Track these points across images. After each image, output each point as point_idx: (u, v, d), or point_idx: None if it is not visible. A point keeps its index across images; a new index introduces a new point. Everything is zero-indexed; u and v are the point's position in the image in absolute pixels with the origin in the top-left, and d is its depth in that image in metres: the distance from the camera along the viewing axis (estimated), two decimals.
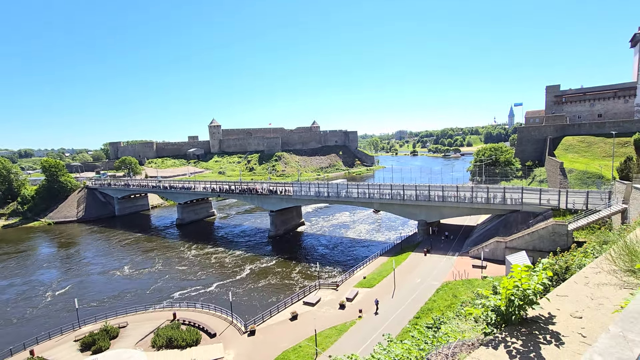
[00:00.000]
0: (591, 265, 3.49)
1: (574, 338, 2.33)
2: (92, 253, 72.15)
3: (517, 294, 2.68)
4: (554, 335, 2.39)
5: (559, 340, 2.33)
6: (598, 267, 3.37)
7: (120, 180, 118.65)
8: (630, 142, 75.18)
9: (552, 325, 2.53)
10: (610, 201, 45.06)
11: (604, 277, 3.14)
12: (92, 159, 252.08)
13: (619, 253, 3.28)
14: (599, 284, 3.04)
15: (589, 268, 3.42)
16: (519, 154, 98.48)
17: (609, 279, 3.09)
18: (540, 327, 2.52)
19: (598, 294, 2.88)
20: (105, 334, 34.74)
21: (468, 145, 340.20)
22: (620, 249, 3.29)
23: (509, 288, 2.76)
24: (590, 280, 3.14)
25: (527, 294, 2.67)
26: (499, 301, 2.76)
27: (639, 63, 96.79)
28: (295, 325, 36.78)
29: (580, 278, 3.21)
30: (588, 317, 2.56)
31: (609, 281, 3.06)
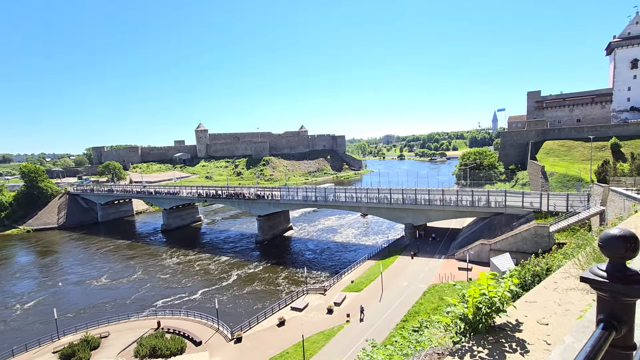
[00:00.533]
0: (561, 270, 3.56)
1: (539, 346, 2.34)
2: (72, 261, 69.98)
3: (484, 302, 2.70)
4: (519, 343, 2.40)
5: (524, 348, 2.34)
6: (567, 272, 3.43)
7: (103, 186, 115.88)
8: (607, 146, 77.86)
9: (519, 332, 2.55)
10: (589, 203, 46.45)
11: (572, 282, 3.19)
12: (74, 164, 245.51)
13: (586, 258, 3.35)
14: (568, 289, 3.10)
15: (559, 273, 3.48)
16: (503, 157, 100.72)
17: (576, 284, 3.15)
18: (507, 335, 2.53)
19: (566, 299, 2.92)
20: (85, 345, 33.65)
21: (454, 150, 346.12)
22: (588, 254, 3.36)
23: (476, 296, 2.77)
24: (559, 285, 3.19)
25: (494, 301, 2.69)
26: (466, 309, 2.78)
27: (614, 70, 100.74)
28: (282, 331, 36.42)
29: (549, 283, 3.26)
30: (554, 323, 2.59)
31: (577, 286, 3.11)
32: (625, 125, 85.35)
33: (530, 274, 22.48)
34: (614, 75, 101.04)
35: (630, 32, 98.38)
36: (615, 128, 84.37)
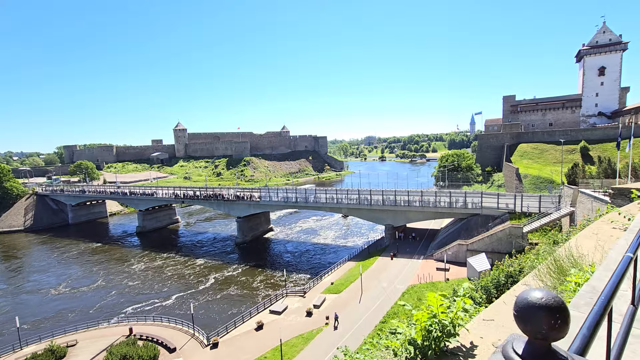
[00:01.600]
0: (522, 282, 3.37)
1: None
2: (39, 266, 66.43)
3: (435, 324, 2.43)
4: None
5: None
6: (528, 285, 3.24)
7: (74, 186, 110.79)
8: (577, 150, 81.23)
9: (472, 358, 2.30)
10: (559, 205, 48.18)
11: None
12: (44, 163, 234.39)
13: (547, 269, 3.16)
14: None
15: (520, 285, 3.29)
16: (479, 159, 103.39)
17: None
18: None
19: None
20: (50, 355, 31.82)
21: (433, 151, 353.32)
22: (548, 265, 3.18)
23: (424, 320, 2.50)
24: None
25: (445, 324, 2.43)
26: (415, 333, 2.51)
27: (583, 77, 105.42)
28: (260, 335, 35.72)
29: (509, 297, 3.05)
30: None
31: None
32: (593, 129, 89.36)
33: (503, 275, 22.56)
34: (583, 81, 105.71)
35: (598, 41, 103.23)
36: (584, 132, 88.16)
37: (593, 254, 3.53)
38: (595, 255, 3.49)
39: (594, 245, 3.87)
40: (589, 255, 3.48)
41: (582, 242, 4.45)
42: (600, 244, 3.81)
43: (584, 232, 5.17)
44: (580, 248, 3.77)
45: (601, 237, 4.56)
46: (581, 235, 4.95)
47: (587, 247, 4.00)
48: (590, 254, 3.53)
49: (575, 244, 4.03)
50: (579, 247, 3.79)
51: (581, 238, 4.75)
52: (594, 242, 4.10)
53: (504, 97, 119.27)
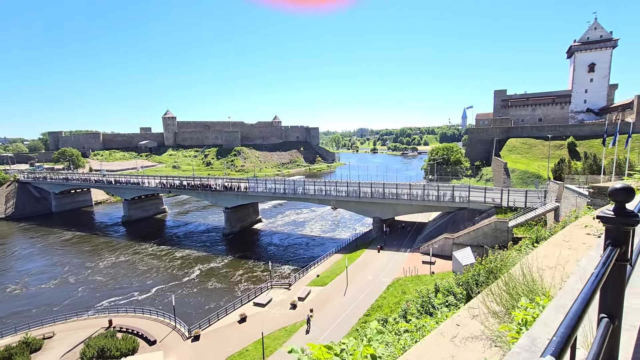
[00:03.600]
0: (470, 304, 2.86)
1: None
2: (18, 255, 64.80)
3: None
4: None
5: None
6: (477, 308, 2.72)
7: (58, 174, 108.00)
8: (564, 145, 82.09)
9: None
10: (545, 200, 48.55)
11: (477, 326, 2.47)
12: (27, 149, 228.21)
13: (498, 291, 2.65)
14: (468, 337, 2.36)
15: (466, 310, 2.77)
16: (469, 153, 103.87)
17: (481, 330, 2.43)
18: None
19: (461, 356, 2.19)
20: (25, 347, 30.96)
21: (425, 145, 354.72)
22: (501, 286, 2.67)
23: None
24: (461, 330, 2.46)
25: None
26: None
27: (573, 73, 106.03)
28: (243, 328, 35.39)
29: (449, 327, 2.52)
30: None
31: (482, 333, 2.39)
32: (581, 125, 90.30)
33: (484, 271, 22.28)
34: (573, 77, 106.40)
35: (589, 37, 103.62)
36: (573, 128, 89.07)
37: (553, 275, 3.04)
38: (555, 275, 3.00)
39: (556, 261, 3.40)
40: (547, 276, 2.98)
41: (550, 251, 3.99)
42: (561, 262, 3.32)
43: (554, 238, 4.71)
44: (543, 261, 3.30)
45: (572, 245, 4.10)
46: (550, 242, 4.49)
47: (551, 260, 3.53)
48: (549, 275, 3.04)
49: (541, 254, 3.58)
50: (544, 260, 3.33)
51: (550, 246, 4.29)
52: (558, 255, 3.63)
53: (495, 92, 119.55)
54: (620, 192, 1.95)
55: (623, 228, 1.95)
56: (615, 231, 1.97)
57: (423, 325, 6.05)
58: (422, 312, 19.39)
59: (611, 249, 1.87)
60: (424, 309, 19.64)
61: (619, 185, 1.95)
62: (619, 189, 1.94)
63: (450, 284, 23.87)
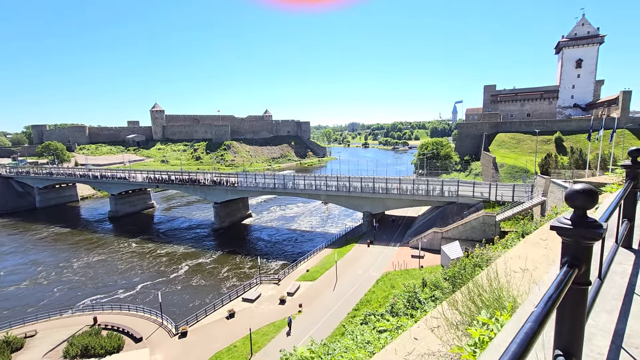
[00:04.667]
0: (433, 313, 2.61)
1: None
2: (1, 252, 63.14)
3: None
4: None
5: None
6: (439, 317, 2.47)
7: (42, 168, 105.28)
8: (552, 140, 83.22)
9: None
10: (532, 194, 49.11)
11: (435, 341, 2.22)
12: (10, 143, 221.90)
13: (464, 298, 2.40)
14: (425, 354, 2.10)
15: (426, 320, 2.52)
16: (459, 148, 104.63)
17: (439, 345, 2.17)
18: None
19: None
20: (5, 346, 30.18)
21: (416, 139, 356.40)
22: (465, 294, 2.42)
23: None
24: (417, 345, 2.19)
25: None
26: None
27: (561, 69, 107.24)
28: (232, 324, 35.13)
29: (405, 342, 2.25)
30: None
31: (439, 350, 2.13)
32: (568, 120, 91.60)
33: (470, 265, 22.34)
34: (560, 73, 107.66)
35: (577, 33, 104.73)
36: (560, 123, 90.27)
37: (522, 279, 2.82)
38: (524, 281, 2.77)
39: (529, 263, 3.18)
40: (516, 281, 2.75)
41: (524, 251, 3.77)
42: (535, 263, 3.12)
43: (532, 236, 4.51)
44: (516, 262, 3.09)
45: (549, 245, 3.89)
46: (528, 241, 4.27)
47: (524, 261, 3.32)
48: (519, 279, 2.81)
49: (515, 254, 3.37)
50: (517, 261, 3.12)
51: (525, 245, 4.08)
52: (532, 256, 3.42)
53: (484, 87, 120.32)
54: (579, 196, 1.62)
55: (583, 242, 1.62)
56: (573, 246, 1.63)
57: (401, 325, 5.88)
58: (408, 306, 19.44)
59: (567, 270, 1.56)
60: (411, 304, 19.66)
61: (578, 187, 1.64)
62: (578, 191, 1.62)
63: (438, 278, 23.93)
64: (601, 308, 2.01)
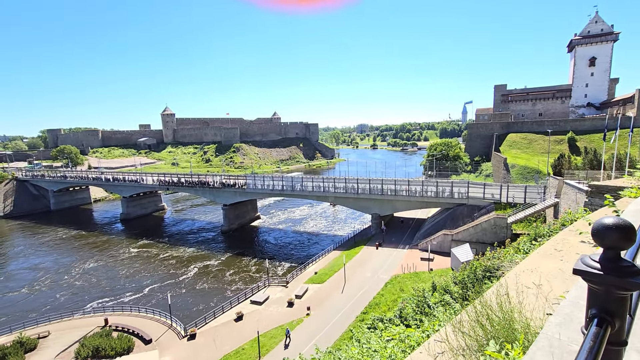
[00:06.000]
0: (437, 336, 2.42)
1: None
2: (17, 253, 64.63)
3: None
4: None
5: None
6: (442, 342, 2.27)
7: (56, 172, 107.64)
8: (564, 140, 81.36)
9: None
10: (544, 195, 48.04)
11: None
12: (27, 147, 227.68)
13: (471, 320, 2.21)
14: None
15: (428, 345, 2.32)
16: (469, 149, 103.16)
17: None
18: None
19: None
20: (19, 347, 30.75)
21: (425, 140, 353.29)
22: (472, 317, 2.23)
23: None
24: None
25: None
26: None
27: (574, 67, 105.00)
28: (240, 326, 35.15)
29: None
30: None
31: None
32: (581, 120, 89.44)
33: (481, 269, 21.84)
34: (573, 72, 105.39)
35: (590, 31, 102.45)
36: (573, 123, 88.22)
37: (536, 298, 2.61)
38: (538, 302, 2.55)
39: (543, 278, 2.97)
40: (529, 301, 2.54)
41: (537, 263, 3.55)
42: (549, 278, 2.89)
43: (545, 246, 4.26)
44: (528, 277, 2.88)
45: (564, 257, 3.66)
46: (540, 252, 4.04)
47: (537, 276, 3.10)
48: (532, 299, 2.60)
49: (527, 267, 3.15)
50: (529, 275, 2.90)
51: (538, 257, 3.84)
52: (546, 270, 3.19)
53: (495, 87, 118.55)
54: (611, 234, 1.26)
55: (617, 293, 1.25)
56: (603, 297, 1.27)
57: (408, 335, 5.69)
58: (417, 311, 19.10)
59: (596, 331, 1.17)
60: (420, 309, 19.33)
61: (609, 221, 1.27)
62: (609, 227, 1.26)
63: (447, 282, 23.50)
64: (630, 346, 1.58)
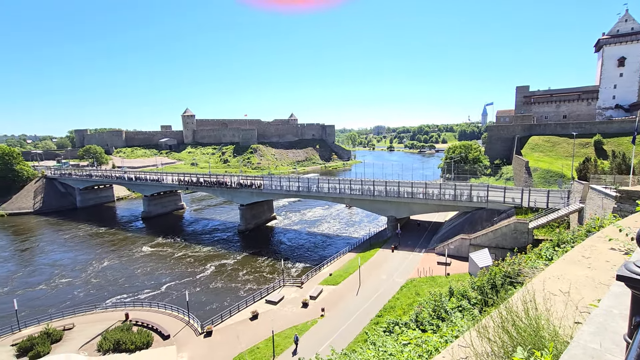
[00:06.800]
0: (459, 341, 2.39)
1: None
2: (45, 248, 67.54)
3: None
4: None
5: None
6: (465, 347, 2.24)
7: (82, 170, 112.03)
8: (590, 143, 78.27)
9: None
10: (568, 200, 46.35)
11: None
12: (56, 147, 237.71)
13: (496, 326, 2.18)
14: None
15: (452, 349, 2.30)
16: (489, 151, 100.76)
17: None
18: None
19: None
20: (46, 338, 32.11)
21: (443, 142, 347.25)
22: (497, 322, 2.20)
23: None
24: None
25: None
26: None
27: (602, 68, 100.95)
28: (255, 325, 35.52)
29: None
30: None
31: None
32: (609, 122, 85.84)
33: (500, 275, 21.36)
34: (601, 72, 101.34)
35: (619, 30, 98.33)
36: (600, 125, 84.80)
37: (565, 305, 2.53)
38: (568, 310, 2.47)
39: (571, 285, 2.87)
40: (557, 308, 2.47)
41: (564, 270, 3.45)
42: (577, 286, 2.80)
43: (571, 253, 4.12)
44: (555, 284, 2.80)
45: (592, 264, 3.54)
46: (567, 259, 3.91)
47: (565, 283, 3.01)
48: (560, 306, 2.53)
49: (553, 274, 3.07)
50: (556, 282, 2.83)
51: (565, 263, 3.73)
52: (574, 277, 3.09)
53: (517, 88, 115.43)
54: None
55: None
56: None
57: (425, 340, 5.63)
58: (434, 316, 18.79)
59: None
60: (436, 314, 19.00)
61: None
62: None
63: (465, 288, 23.02)
64: None
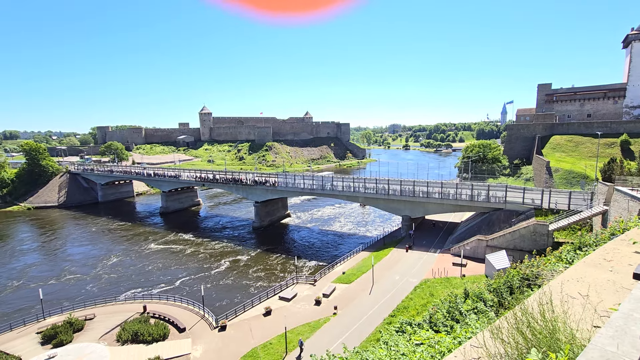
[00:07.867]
0: (472, 341, 2.34)
1: None
2: (69, 240, 70.20)
3: None
4: None
5: None
6: (479, 348, 2.20)
7: (104, 166, 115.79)
8: (616, 143, 75.19)
9: None
10: (592, 202, 44.75)
11: None
12: (79, 143, 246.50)
13: (511, 327, 2.14)
14: None
15: (464, 349, 2.26)
16: (508, 151, 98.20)
17: None
18: None
19: None
20: (69, 327, 33.41)
21: (460, 141, 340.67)
22: (511, 323, 2.15)
23: None
24: None
25: None
26: None
27: (630, 64, 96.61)
28: (268, 321, 35.90)
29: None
30: None
31: None
32: (637, 121, 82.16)
33: (518, 278, 20.91)
34: (629, 69, 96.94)
35: None
36: (627, 124, 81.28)
37: (583, 309, 2.44)
38: (586, 313, 2.39)
39: (591, 289, 2.77)
40: (575, 311, 2.38)
41: (584, 272, 3.33)
42: (597, 289, 2.70)
43: (592, 255, 3.97)
44: (574, 287, 2.71)
45: (614, 267, 3.40)
46: (587, 261, 3.77)
47: (584, 286, 2.90)
48: (578, 309, 2.44)
49: (572, 276, 2.97)
50: (575, 285, 2.73)
51: (585, 266, 3.60)
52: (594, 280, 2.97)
53: (538, 86, 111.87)
54: None
55: None
56: None
57: (439, 341, 5.57)
58: (448, 317, 18.54)
59: None
60: (451, 315, 18.76)
61: None
62: None
63: (481, 290, 22.61)
64: None
